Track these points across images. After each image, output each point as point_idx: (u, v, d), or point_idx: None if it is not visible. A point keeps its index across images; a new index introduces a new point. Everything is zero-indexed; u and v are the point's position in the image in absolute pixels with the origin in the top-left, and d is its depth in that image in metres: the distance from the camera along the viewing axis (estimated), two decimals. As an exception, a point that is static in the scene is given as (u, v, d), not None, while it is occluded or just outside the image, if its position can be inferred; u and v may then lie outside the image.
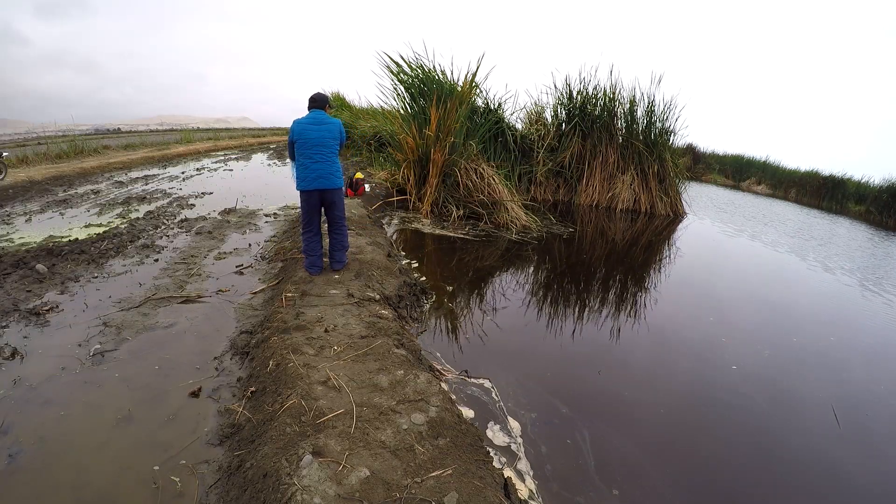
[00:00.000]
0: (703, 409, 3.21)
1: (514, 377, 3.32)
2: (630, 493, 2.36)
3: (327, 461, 1.92)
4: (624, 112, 11.99)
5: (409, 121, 9.02)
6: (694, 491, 2.45)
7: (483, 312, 4.47)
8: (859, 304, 5.97)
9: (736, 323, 4.84)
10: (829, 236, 11.48)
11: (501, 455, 2.49)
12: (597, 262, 6.74)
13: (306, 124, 4.00)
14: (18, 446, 2.20)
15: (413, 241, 6.89)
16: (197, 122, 53.80)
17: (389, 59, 9.27)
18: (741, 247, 8.79)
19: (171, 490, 2.00)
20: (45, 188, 8.65)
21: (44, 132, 23.82)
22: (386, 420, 2.26)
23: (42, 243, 5.16)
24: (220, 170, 13.13)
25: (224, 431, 2.37)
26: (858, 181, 19.67)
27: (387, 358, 2.84)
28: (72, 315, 3.55)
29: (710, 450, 2.80)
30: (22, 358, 2.93)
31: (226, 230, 6.36)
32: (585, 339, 4.11)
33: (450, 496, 1.80)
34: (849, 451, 2.90)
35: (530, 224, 8.44)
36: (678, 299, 5.37)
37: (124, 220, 6.48)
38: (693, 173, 23.32)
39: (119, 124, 42.12)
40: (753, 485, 2.51)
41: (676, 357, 3.94)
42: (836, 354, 4.34)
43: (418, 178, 8.90)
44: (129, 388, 2.71)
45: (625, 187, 11.75)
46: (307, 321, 3.26)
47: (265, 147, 23.63)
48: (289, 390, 2.43)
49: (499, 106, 11.09)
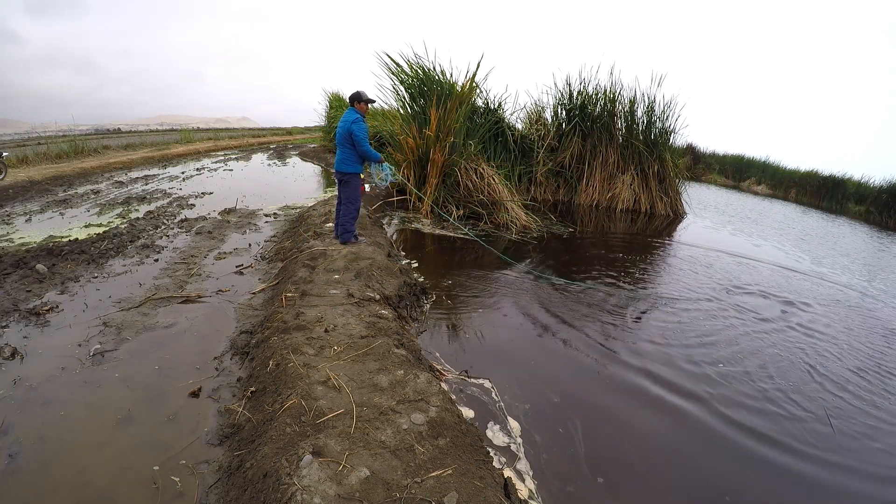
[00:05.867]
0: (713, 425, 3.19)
1: (515, 377, 3.32)
2: (618, 484, 2.37)
3: (327, 461, 1.92)
4: (624, 112, 11.99)
5: (409, 121, 9.03)
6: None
7: (483, 312, 4.47)
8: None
9: (735, 324, 4.84)
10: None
11: (501, 455, 2.49)
12: (597, 261, 6.73)
13: (340, 121, 4.95)
14: (18, 446, 2.20)
15: (413, 241, 6.89)
16: (197, 122, 53.82)
17: (389, 59, 9.29)
18: (741, 244, 8.79)
19: (171, 490, 2.00)
20: (45, 188, 8.65)
21: (44, 132, 23.81)
22: (386, 420, 2.26)
23: (42, 243, 5.16)
24: (220, 170, 13.14)
25: (224, 431, 2.37)
26: (858, 181, 19.65)
27: (387, 358, 2.84)
28: (72, 315, 3.55)
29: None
30: (22, 358, 2.93)
31: (226, 230, 6.36)
32: (586, 339, 4.10)
33: (450, 496, 1.80)
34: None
35: (530, 224, 8.44)
36: (677, 299, 5.36)
37: (124, 220, 6.48)
38: (693, 173, 23.30)
39: (119, 124, 42.15)
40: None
41: (680, 362, 3.94)
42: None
43: (418, 178, 8.90)
44: (128, 388, 2.71)
45: (625, 187, 11.75)
46: (307, 321, 3.25)
47: (265, 147, 23.63)
48: (289, 390, 2.43)
49: (499, 106, 11.10)
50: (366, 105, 4.92)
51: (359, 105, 4.86)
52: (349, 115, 4.82)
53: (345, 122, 4.79)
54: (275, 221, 7.12)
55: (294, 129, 41.85)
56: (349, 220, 5.12)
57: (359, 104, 4.86)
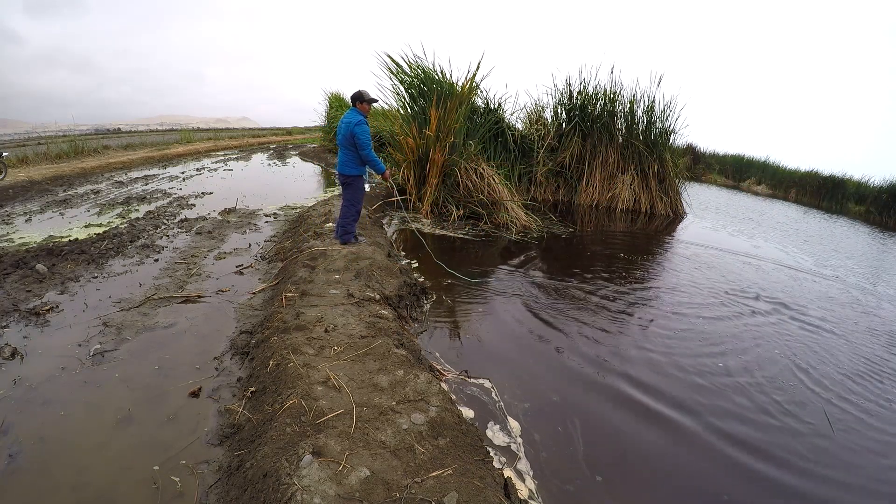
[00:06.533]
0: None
1: (515, 377, 3.32)
2: (615, 479, 2.37)
3: (327, 461, 1.92)
4: (624, 112, 11.99)
5: (409, 121, 9.02)
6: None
7: (483, 312, 4.47)
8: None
9: (735, 325, 4.84)
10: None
11: (501, 455, 2.49)
12: (597, 261, 6.73)
13: (341, 121, 4.84)
14: (18, 446, 2.20)
15: (413, 241, 6.89)
16: (197, 122, 53.84)
17: (389, 59, 9.28)
18: (741, 247, 8.80)
19: (171, 490, 2.00)
20: (45, 188, 8.65)
21: (44, 132, 23.80)
22: (386, 420, 2.26)
23: (42, 243, 5.16)
24: (220, 170, 13.13)
25: (224, 431, 2.37)
26: (858, 181, 19.66)
27: (387, 358, 2.84)
28: (72, 315, 3.55)
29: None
30: (22, 358, 2.93)
31: (226, 230, 6.36)
32: (586, 339, 4.10)
33: (450, 496, 1.80)
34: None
35: (530, 224, 8.44)
36: (678, 297, 5.36)
37: (124, 220, 6.48)
38: (693, 173, 23.28)
39: (119, 124, 42.18)
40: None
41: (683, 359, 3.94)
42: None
43: (418, 178, 8.90)
44: (129, 388, 2.71)
45: (625, 187, 11.75)
46: (307, 321, 3.25)
47: (265, 147, 23.62)
48: (289, 390, 2.43)
49: (499, 106, 11.09)
50: (368, 105, 4.77)
51: (361, 105, 4.73)
52: (351, 115, 4.70)
53: (347, 124, 4.67)
54: (275, 221, 7.12)
55: (294, 129, 41.86)
56: (349, 222, 5.11)
57: (361, 104, 4.73)
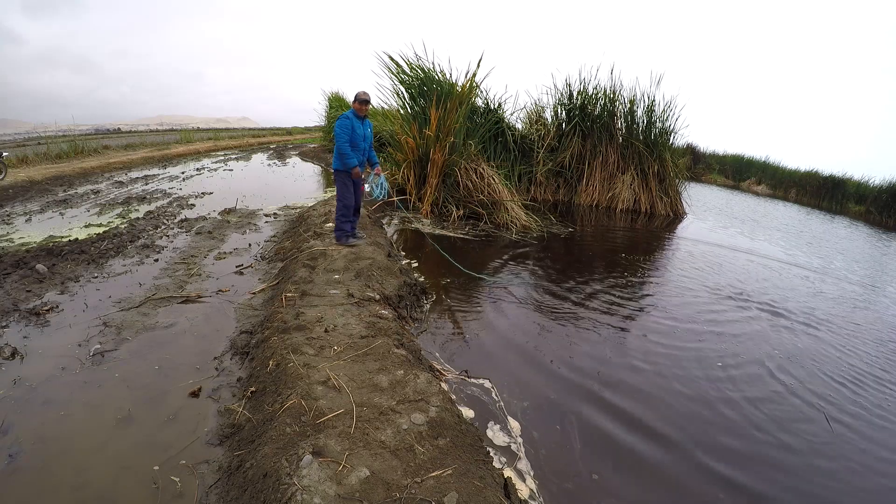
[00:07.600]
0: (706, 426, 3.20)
1: (515, 377, 3.32)
2: (610, 475, 2.37)
3: (327, 461, 1.92)
4: (624, 112, 11.98)
5: (409, 121, 9.02)
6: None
7: (483, 312, 4.46)
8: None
9: (734, 326, 4.84)
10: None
11: (501, 455, 2.49)
12: (597, 261, 6.73)
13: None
14: (18, 446, 2.20)
15: (413, 241, 6.89)
16: (197, 123, 53.86)
17: (389, 59, 9.29)
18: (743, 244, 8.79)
19: (171, 490, 2.00)
20: (45, 188, 8.65)
21: (44, 132, 23.82)
22: (386, 420, 2.26)
23: (42, 243, 5.16)
24: (220, 170, 13.14)
25: (224, 431, 2.37)
26: (858, 181, 19.66)
27: (387, 358, 2.84)
28: (72, 315, 3.55)
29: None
30: (22, 358, 2.93)
31: (226, 230, 6.36)
32: (586, 339, 4.10)
33: (450, 496, 1.80)
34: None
35: (530, 224, 8.44)
36: (678, 298, 5.36)
37: (124, 220, 6.49)
38: (693, 173, 23.24)
39: (119, 124, 42.21)
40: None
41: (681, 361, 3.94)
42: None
43: (418, 178, 8.90)
44: (129, 388, 2.71)
45: (625, 187, 11.75)
46: (307, 321, 3.25)
47: (265, 147, 23.64)
48: (289, 390, 2.43)
49: (499, 106, 11.10)
50: (360, 104, 4.84)
51: (354, 104, 4.90)
52: (344, 113, 4.92)
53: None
54: (275, 221, 7.12)
55: (294, 129, 41.89)
56: (336, 218, 5.16)
57: (353, 103, 4.91)
